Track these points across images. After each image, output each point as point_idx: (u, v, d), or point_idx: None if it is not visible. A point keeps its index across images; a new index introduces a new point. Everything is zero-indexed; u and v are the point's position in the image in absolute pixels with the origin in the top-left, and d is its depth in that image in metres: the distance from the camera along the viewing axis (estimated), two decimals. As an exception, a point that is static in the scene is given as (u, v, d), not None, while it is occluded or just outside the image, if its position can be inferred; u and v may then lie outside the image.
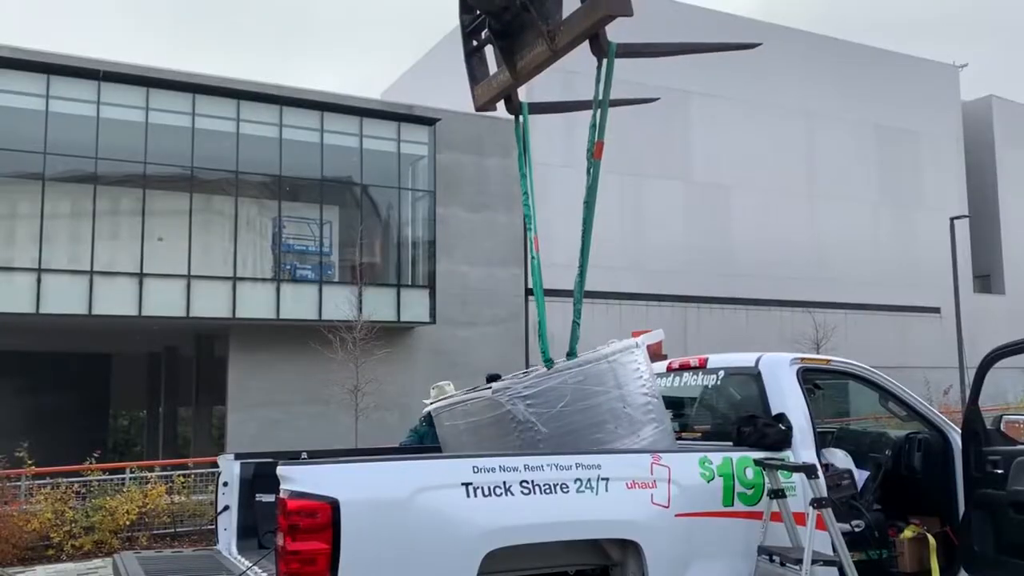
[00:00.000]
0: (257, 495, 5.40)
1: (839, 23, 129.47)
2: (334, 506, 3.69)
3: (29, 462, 11.57)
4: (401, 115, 21.79)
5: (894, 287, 30.18)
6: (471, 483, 3.97)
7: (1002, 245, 34.19)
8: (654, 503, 4.33)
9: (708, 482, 4.54)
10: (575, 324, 5.02)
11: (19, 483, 11.63)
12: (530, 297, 22.72)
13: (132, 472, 13.02)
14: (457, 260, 22.37)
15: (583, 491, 4.17)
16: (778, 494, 4.58)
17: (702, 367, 5.70)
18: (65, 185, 18.64)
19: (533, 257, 5.25)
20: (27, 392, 23.77)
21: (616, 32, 4.75)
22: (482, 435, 4.87)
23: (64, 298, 17.48)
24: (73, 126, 18.03)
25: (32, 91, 17.65)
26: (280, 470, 3.82)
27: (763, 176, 28.45)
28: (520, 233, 21.61)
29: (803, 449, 4.87)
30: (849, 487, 5.18)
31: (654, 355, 5.55)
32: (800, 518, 4.56)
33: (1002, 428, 5.46)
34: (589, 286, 5.28)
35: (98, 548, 10.97)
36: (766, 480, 4.65)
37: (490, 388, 4.82)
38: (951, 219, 27.29)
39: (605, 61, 4.77)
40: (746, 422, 4.94)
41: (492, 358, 19.46)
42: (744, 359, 5.41)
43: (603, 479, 4.23)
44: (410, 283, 21.86)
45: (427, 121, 21.81)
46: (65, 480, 11.65)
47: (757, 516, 4.63)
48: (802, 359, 5.30)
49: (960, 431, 5.47)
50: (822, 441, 5.29)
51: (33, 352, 23.58)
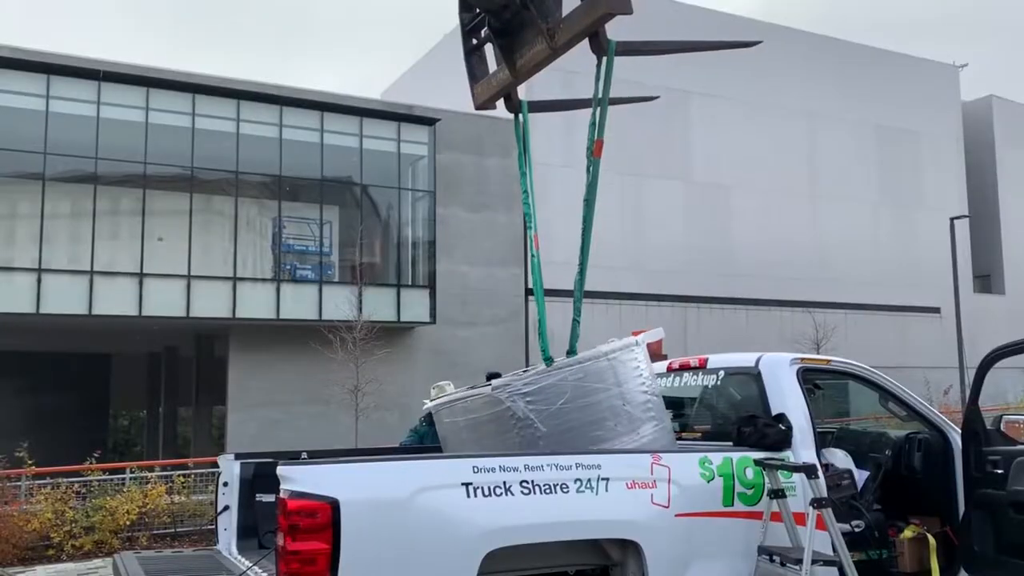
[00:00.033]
0: (257, 495, 5.39)
1: (839, 23, 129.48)
2: (334, 506, 3.69)
3: (29, 462, 11.57)
4: (401, 115, 21.79)
5: (894, 287, 30.17)
6: (471, 483, 3.97)
7: (1002, 245, 34.19)
8: (654, 503, 4.33)
9: (708, 482, 4.54)
10: (575, 322, 5.02)
11: (19, 483, 11.63)
12: (530, 297, 22.71)
13: (132, 472, 13.02)
14: (457, 260, 22.37)
15: (583, 491, 4.17)
16: (778, 494, 4.57)
17: (702, 367, 5.69)
18: (65, 185, 18.64)
19: (533, 255, 5.25)
20: (27, 392, 23.77)
21: (616, 31, 4.75)
22: (482, 432, 4.87)
23: (64, 298, 17.48)
24: (73, 126, 18.03)
25: (32, 91, 17.65)
26: (280, 470, 3.82)
27: (763, 176, 28.44)
28: (520, 233, 21.62)
29: (803, 449, 4.87)
30: (849, 487, 5.18)
31: (654, 355, 5.54)
32: (800, 518, 4.56)
33: (1002, 428, 5.46)
34: (589, 286, 5.28)
35: (98, 548, 10.97)
36: (766, 480, 4.65)
37: (490, 385, 4.82)
38: (951, 219, 27.30)
39: (605, 59, 4.77)
40: (746, 422, 4.94)
41: (492, 358, 19.44)
42: (744, 359, 5.41)
43: (603, 479, 4.23)
44: (410, 283, 21.86)
45: (427, 121, 21.82)
46: (65, 480, 11.65)
47: (757, 516, 4.63)
48: (802, 359, 5.30)
49: (960, 431, 5.47)
50: (822, 441, 5.29)
51: (33, 352, 23.58)
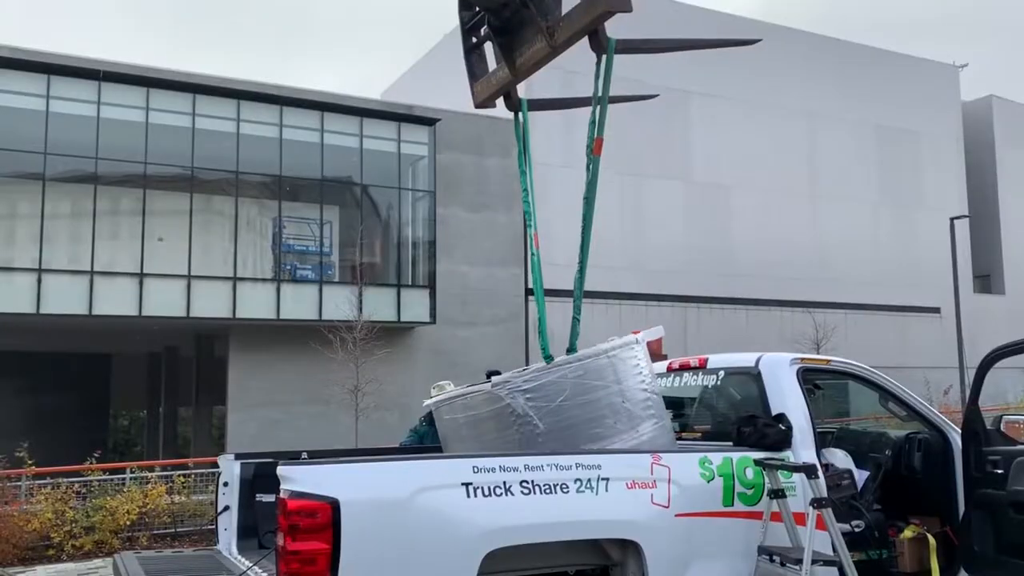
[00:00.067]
0: (257, 495, 5.39)
1: (839, 23, 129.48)
2: (334, 506, 3.68)
3: (29, 462, 11.57)
4: (401, 115, 21.79)
5: (894, 287, 30.17)
6: (471, 483, 3.97)
7: (1002, 245, 34.19)
8: (654, 503, 4.33)
9: (708, 482, 4.54)
10: (575, 320, 5.01)
11: (19, 483, 11.63)
12: (530, 297, 22.71)
13: (132, 472, 13.01)
14: (457, 260, 22.37)
15: (583, 491, 4.17)
16: (778, 494, 4.57)
17: (702, 367, 5.69)
18: (65, 185, 18.64)
19: (533, 254, 5.25)
20: (27, 392, 23.77)
21: (616, 31, 4.76)
22: (481, 429, 4.87)
23: (64, 298, 17.48)
24: (73, 126, 18.03)
25: (32, 91, 17.65)
26: (280, 470, 3.82)
27: (763, 176, 28.44)
28: (520, 233, 21.63)
29: (803, 449, 4.87)
30: (849, 487, 5.17)
31: (655, 355, 5.55)
32: (800, 518, 4.56)
33: (1002, 428, 5.46)
34: (589, 286, 5.28)
35: (98, 548, 10.97)
36: (766, 480, 4.65)
37: (490, 382, 4.82)
38: (951, 219, 27.30)
39: (604, 57, 4.77)
40: (746, 422, 4.94)
41: (492, 358, 19.42)
42: (744, 359, 5.41)
43: (603, 479, 4.23)
44: (410, 283, 21.86)
45: (427, 121, 21.82)
46: (65, 480, 11.64)
47: (757, 516, 4.63)
48: (802, 359, 5.30)
49: (960, 431, 5.47)
50: (822, 441, 5.29)
51: (33, 352, 23.58)
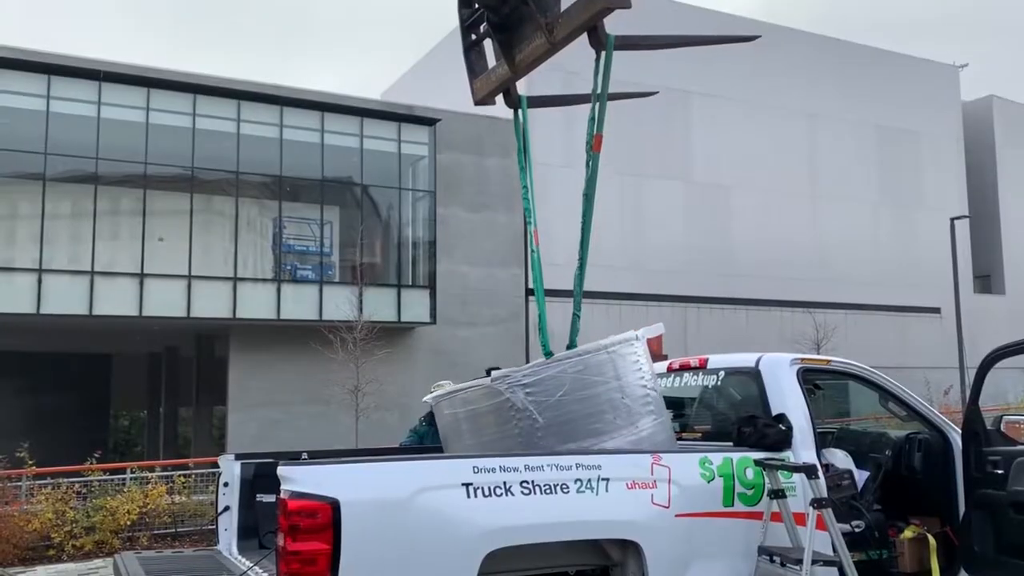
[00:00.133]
0: (258, 495, 5.39)
1: (840, 23, 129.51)
2: (334, 506, 3.69)
3: (30, 462, 11.56)
4: (401, 115, 21.79)
5: (894, 287, 30.16)
6: (471, 483, 3.97)
7: (1002, 245, 34.18)
8: (654, 503, 4.33)
9: (708, 482, 4.54)
10: (575, 316, 5.01)
11: (20, 483, 11.63)
12: (530, 297, 22.71)
13: (133, 472, 13.01)
14: (457, 260, 22.37)
15: (583, 491, 4.17)
16: (778, 494, 4.57)
17: (702, 367, 5.69)
18: (66, 185, 18.65)
19: (533, 251, 5.26)
20: (28, 392, 23.77)
21: (615, 30, 4.76)
22: (481, 423, 4.87)
23: (65, 298, 17.48)
24: (73, 126, 18.03)
25: (32, 91, 17.65)
26: (281, 470, 3.82)
27: (763, 176, 28.43)
28: (520, 233, 21.63)
29: (803, 449, 4.87)
30: (849, 487, 5.17)
31: (655, 355, 5.54)
32: (800, 518, 4.56)
33: (1002, 428, 5.45)
34: (589, 286, 5.28)
35: (99, 548, 10.96)
36: (766, 480, 4.65)
37: (490, 377, 4.82)
38: (951, 219, 27.29)
39: (603, 54, 4.77)
40: (746, 422, 4.94)
41: (492, 358, 19.36)
42: (744, 359, 5.40)
43: (603, 479, 4.23)
44: (410, 283, 21.87)
45: (427, 121, 21.82)
46: (66, 480, 11.64)
47: (757, 516, 4.63)
48: (802, 359, 5.30)
49: (960, 431, 5.47)
50: (822, 441, 5.28)
51: (34, 352, 23.59)
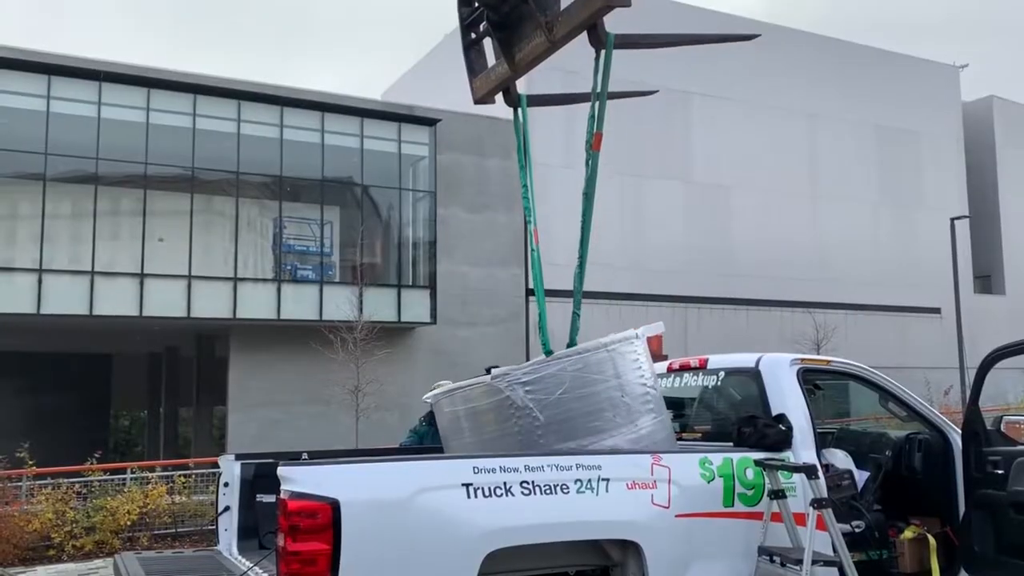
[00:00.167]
0: (258, 496, 5.39)
1: (840, 24, 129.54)
2: (335, 507, 3.69)
3: (30, 462, 11.56)
4: (402, 116, 21.80)
5: (894, 287, 30.16)
6: (471, 484, 3.97)
7: (1002, 245, 34.18)
8: (654, 504, 4.33)
9: (708, 483, 4.54)
10: (575, 315, 5.01)
11: (20, 483, 11.62)
12: (531, 297, 22.71)
13: (133, 472, 13.01)
14: (457, 260, 22.38)
15: (583, 492, 4.17)
16: (778, 495, 4.57)
17: (702, 368, 5.69)
18: (66, 185, 18.66)
19: (533, 249, 5.26)
20: (28, 392, 23.77)
21: (615, 30, 4.77)
22: (481, 421, 4.88)
23: (65, 298, 17.49)
24: (74, 127, 18.04)
25: (33, 92, 17.66)
26: (281, 471, 3.82)
27: (763, 176, 28.43)
28: (520, 234, 21.64)
29: (803, 449, 4.87)
30: (849, 487, 5.17)
31: (655, 355, 5.54)
32: (800, 518, 4.56)
33: (1002, 429, 5.45)
34: (589, 286, 5.28)
35: (99, 548, 10.95)
36: (766, 481, 4.65)
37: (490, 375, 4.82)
38: (951, 219, 27.29)
39: (603, 52, 4.77)
40: (746, 423, 4.94)
41: (492, 358, 19.25)
42: (744, 359, 5.41)
43: (603, 480, 4.23)
44: (411, 283, 21.87)
45: (428, 122, 21.82)
46: (66, 480, 11.63)
47: (757, 516, 4.63)
48: (802, 359, 5.30)
49: (960, 431, 5.47)
50: (822, 441, 5.28)
51: (34, 352, 23.59)
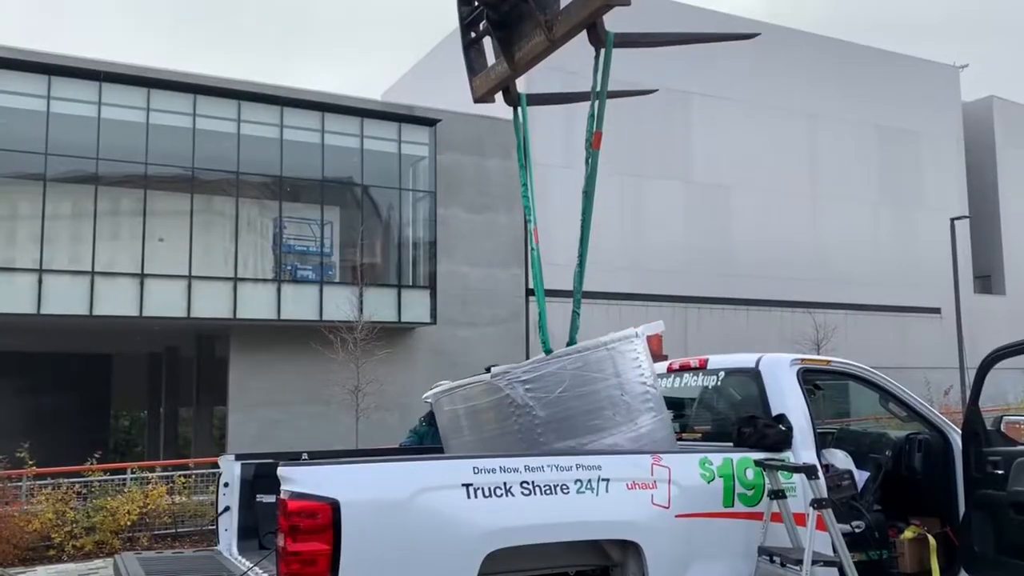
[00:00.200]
0: (258, 496, 5.40)
1: (840, 24, 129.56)
2: (335, 507, 3.69)
3: (30, 462, 11.56)
4: (402, 116, 21.80)
5: (894, 287, 30.16)
6: (471, 484, 3.97)
7: (1002, 245, 34.18)
8: (654, 504, 4.33)
9: (708, 483, 4.54)
10: (575, 314, 5.01)
11: (20, 483, 11.62)
12: (531, 297, 22.71)
13: (133, 472, 13.01)
14: (458, 261, 22.38)
15: (583, 492, 4.17)
16: (778, 495, 4.57)
17: (702, 368, 5.69)
18: (66, 186, 18.66)
19: (533, 249, 5.27)
20: (28, 392, 23.78)
21: (614, 29, 4.77)
22: (481, 419, 4.88)
23: (65, 298, 17.49)
24: (74, 127, 18.04)
25: (33, 92, 17.67)
26: (281, 471, 3.82)
27: (763, 176, 28.43)
28: (520, 234, 21.64)
29: (803, 450, 4.87)
30: (849, 488, 5.17)
31: (655, 355, 5.54)
32: (800, 519, 4.56)
33: (1002, 429, 5.45)
34: (589, 286, 5.28)
35: (99, 548, 10.95)
36: (766, 481, 4.65)
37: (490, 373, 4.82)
38: (951, 219, 27.29)
39: (603, 51, 4.77)
40: (746, 423, 4.94)
41: (492, 358, 19.21)
42: (744, 360, 5.40)
43: (603, 480, 4.23)
44: (411, 284, 21.87)
45: (428, 122, 21.82)
46: (66, 480, 11.63)
47: (757, 517, 4.64)
48: (802, 360, 5.30)
49: (960, 432, 5.47)
50: (822, 442, 5.28)
51: (34, 352, 23.59)
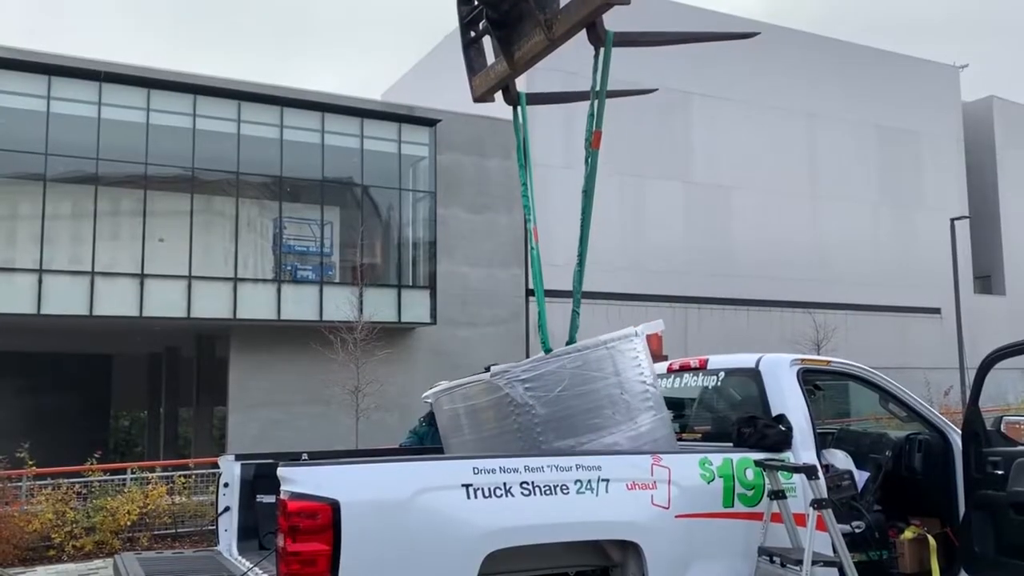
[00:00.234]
0: (258, 496, 5.40)
1: (840, 24, 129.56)
2: (334, 507, 3.69)
3: (30, 463, 11.55)
4: (402, 116, 21.81)
5: (894, 287, 30.16)
6: (471, 484, 3.97)
7: (1002, 245, 34.18)
8: (654, 504, 4.33)
9: (708, 483, 4.54)
10: (575, 313, 5.01)
11: (20, 484, 11.61)
12: (531, 298, 22.70)
13: (133, 472, 12.99)
14: (458, 261, 22.38)
15: (583, 492, 4.17)
16: (778, 495, 4.57)
17: (702, 368, 5.69)
18: (66, 186, 18.66)
19: (533, 248, 5.27)
20: (28, 393, 23.77)
21: (615, 29, 4.76)
22: (480, 418, 4.88)
23: (65, 299, 17.49)
24: (74, 127, 18.04)
25: (33, 92, 17.67)
26: (281, 471, 3.82)
27: (763, 176, 28.44)
28: (520, 234, 21.63)
29: (803, 450, 4.88)
30: (849, 488, 5.17)
31: (654, 354, 5.54)
32: (800, 519, 4.56)
33: (1002, 429, 5.45)
34: (589, 287, 5.28)
35: (99, 549, 10.95)
36: (766, 481, 4.65)
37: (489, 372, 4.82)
38: (951, 220, 27.29)
39: (602, 50, 4.77)
40: (746, 423, 4.94)
41: (493, 359, 19.18)
42: (744, 360, 5.40)
43: (603, 480, 4.23)
44: (411, 284, 21.87)
45: (428, 122, 21.82)
46: (66, 481, 11.62)
47: (757, 517, 4.64)
48: (802, 360, 5.30)
49: (960, 432, 5.47)
50: (822, 442, 5.29)
51: (34, 353, 23.59)
